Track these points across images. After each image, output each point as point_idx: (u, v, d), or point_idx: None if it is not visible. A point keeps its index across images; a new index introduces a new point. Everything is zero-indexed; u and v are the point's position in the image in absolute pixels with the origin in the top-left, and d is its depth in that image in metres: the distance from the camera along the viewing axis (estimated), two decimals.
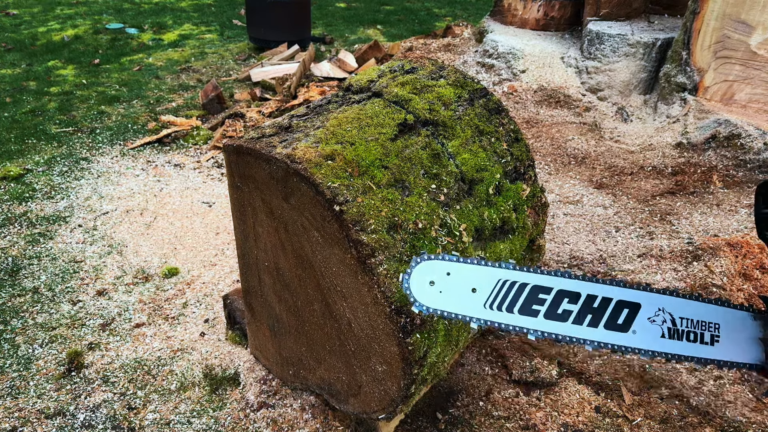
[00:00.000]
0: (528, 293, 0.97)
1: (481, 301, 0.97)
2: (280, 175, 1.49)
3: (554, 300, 0.97)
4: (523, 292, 0.97)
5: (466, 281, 0.98)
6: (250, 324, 2.04)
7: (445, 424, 1.91)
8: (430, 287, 0.98)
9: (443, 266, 0.98)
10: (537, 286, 0.98)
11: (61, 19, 6.94)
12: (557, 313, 0.97)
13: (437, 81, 1.89)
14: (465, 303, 0.98)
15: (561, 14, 5.07)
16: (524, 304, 0.98)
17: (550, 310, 0.97)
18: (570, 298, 0.96)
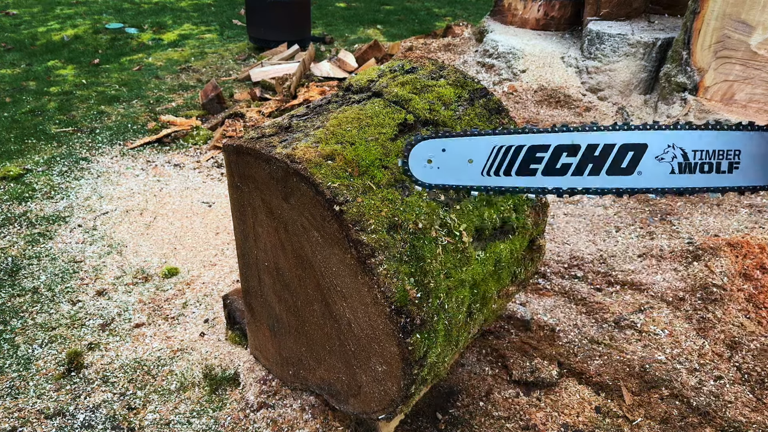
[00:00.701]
0: (524, 154, 0.95)
1: (478, 170, 0.98)
2: (280, 175, 1.49)
3: (552, 156, 0.94)
4: (520, 153, 0.95)
5: (462, 153, 0.98)
6: (250, 324, 2.04)
7: (445, 424, 1.91)
8: (428, 165, 0.99)
9: (438, 144, 0.98)
10: (533, 146, 0.96)
11: (60, 19, 6.94)
12: (556, 168, 0.95)
13: (437, 81, 1.89)
14: (462, 174, 0.99)
15: (561, 14, 5.07)
16: (521, 165, 0.96)
17: (548, 166, 0.95)
18: (569, 152, 0.94)
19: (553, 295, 2.52)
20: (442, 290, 1.51)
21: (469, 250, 1.60)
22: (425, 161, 0.99)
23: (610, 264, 2.71)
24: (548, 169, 0.95)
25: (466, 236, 1.60)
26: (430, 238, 1.50)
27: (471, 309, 1.66)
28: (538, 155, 0.94)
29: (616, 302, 2.48)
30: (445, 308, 1.52)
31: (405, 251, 1.43)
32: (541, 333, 2.30)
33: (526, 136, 0.95)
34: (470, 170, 0.99)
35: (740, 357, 2.19)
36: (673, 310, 2.43)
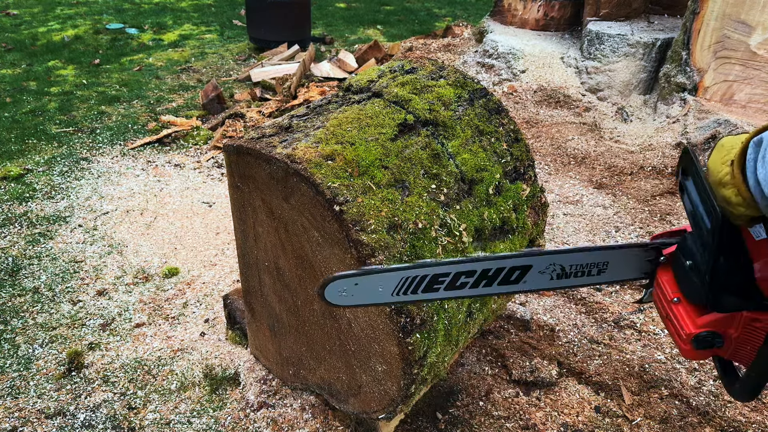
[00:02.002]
0: (428, 280, 1.12)
1: (388, 293, 1.14)
2: (280, 175, 1.49)
3: (452, 279, 1.12)
4: (424, 281, 1.12)
5: (373, 284, 1.12)
6: (250, 324, 2.05)
7: (445, 424, 1.91)
8: (343, 295, 1.13)
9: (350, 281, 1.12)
10: (436, 274, 1.12)
11: (61, 19, 6.94)
12: (456, 285, 1.13)
13: (437, 81, 1.89)
14: (375, 297, 1.15)
15: (561, 14, 5.08)
16: (425, 287, 1.13)
17: (449, 285, 1.12)
18: (466, 275, 1.11)
19: (553, 295, 2.52)
20: None
21: (469, 250, 1.60)
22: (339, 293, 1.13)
23: None
24: (449, 287, 1.13)
25: (465, 236, 1.60)
26: (430, 238, 1.50)
27: (471, 309, 1.66)
28: (440, 279, 1.11)
29: (616, 302, 2.48)
30: (445, 308, 1.53)
31: (405, 251, 1.44)
32: (541, 333, 2.30)
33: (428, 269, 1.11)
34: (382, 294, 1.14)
35: None
36: None
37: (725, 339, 1.00)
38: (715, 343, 0.99)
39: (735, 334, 0.99)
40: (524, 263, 1.14)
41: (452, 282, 1.14)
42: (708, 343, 1.01)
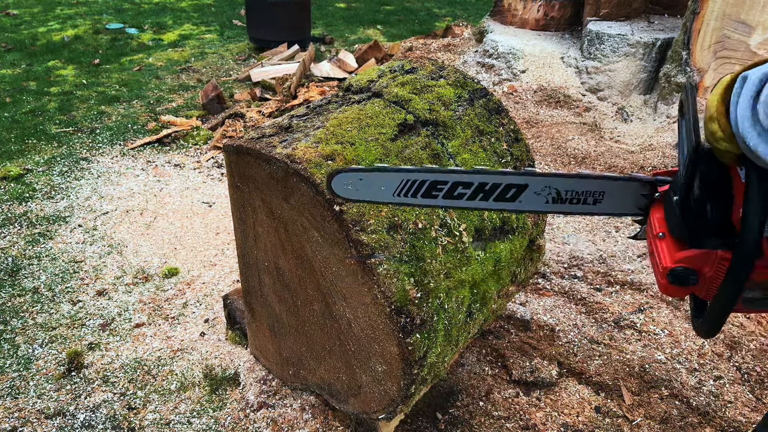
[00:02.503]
0: (427, 185, 1.17)
1: (390, 193, 1.20)
2: (280, 175, 1.49)
3: (450, 187, 1.16)
4: (423, 185, 1.17)
5: (376, 182, 1.20)
6: (250, 324, 2.04)
7: (445, 424, 1.91)
8: (348, 187, 1.21)
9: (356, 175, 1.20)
10: (435, 181, 1.17)
11: (61, 19, 6.94)
12: (454, 195, 1.17)
13: (437, 81, 1.89)
14: (377, 195, 1.21)
15: (561, 14, 5.08)
16: (425, 192, 1.18)
17: (447, 193, 1.17)
18: (464, 185, 1.16)
19: (553, 295, 2.52)
20: (441, 290, 1.51)
21: (468, 250, 1.60)
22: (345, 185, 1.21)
23: (610, 264, 2.71)
24: (447, 195, 1.18)
25: (465, 236, 1.60)
26: (430, 238, 1.50)
27: (471, 309, 1.66)
28: (438, 186, 1.17)
29: (616, 302, 2.48)
30: (445, 308, 1.52)
31: (405, 251, 1.44)
32: (541, 333, 2.30)
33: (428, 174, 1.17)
34: (384, 192, 1.21)
35: (740, 357, 2.19)
36: (673, 310, 2.43)
37: (700, 277, 1.00)
38: (689, 279, 0.98)
39: (709, 273, 0.99)
40: (521, 182, 1.17)
41: (450, 191, 1.18)
42: (682, 279, 1.01)
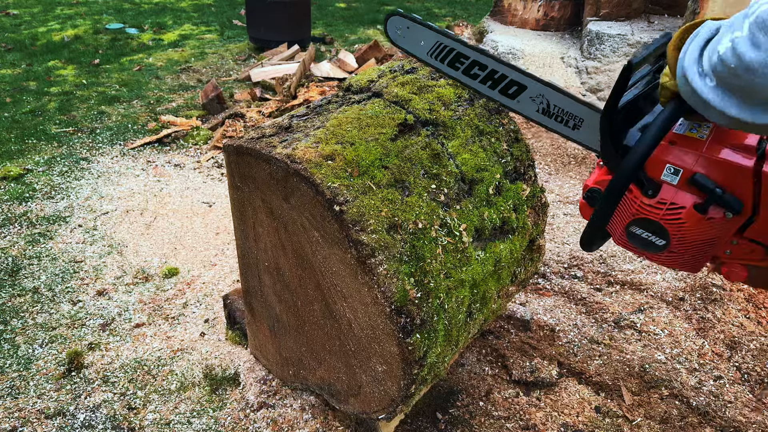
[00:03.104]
0: (453, 55, 1.43)
1: (425, 51, 1.50)
2: (280, 175, 1.49)
3: (469, 64, 1.41)
4: (451, 53, 1.43)
5: (418, 36, 1.51)
6: (250, 324, 2.04)
7: (445, 424, 1.91)
8: (398, 33, 1.56)
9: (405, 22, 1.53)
10: (459, 53, 1.42)
11: (61, 19, 6.94)
12: (470, 73, 1.42)
13: (437, 81, 1.89)
14: (417, 48, 1.53)
15: (561, 14, 5.08)
16: (451, 60, 1.44)
17: (466, 69, 1.42)
18: (479, 67, 1.39)
19: (553, 295, 2.52)
20: (442, 290, 1.51)
21: (469, 250, 1.60)
22: (397, 29, 1.56)
23: (610, 264, 2.71)
24: (466, 71, 1.43)
25: (466, 236, 1.60)
26: (430, 238, 1.50)
27: (471, 309, 1.66)
28: (461, 60, 1.42)
29: (616, 302, 2.48)
30: (445, 308, 1.52)
31: (405, 251, 1.44)
32: (541, 333, 2.30)
33: (458, 44, 1.42)
34: (421, 49, 1.51)
35: (740, 357, 2.19)
36: (673, 310, 2.43)
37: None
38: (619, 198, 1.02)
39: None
40: (523, 81, 1.34)
41: (468, 68, 1.41)
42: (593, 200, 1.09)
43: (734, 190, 0.90)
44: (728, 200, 0.89)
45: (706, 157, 0.91)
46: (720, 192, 0.89)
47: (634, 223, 1.00)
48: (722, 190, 0.90)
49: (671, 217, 0.95)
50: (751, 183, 0.89)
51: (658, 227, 0.97)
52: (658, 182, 0.96)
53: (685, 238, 0.96)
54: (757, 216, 0.91)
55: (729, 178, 0.90)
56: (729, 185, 0.90)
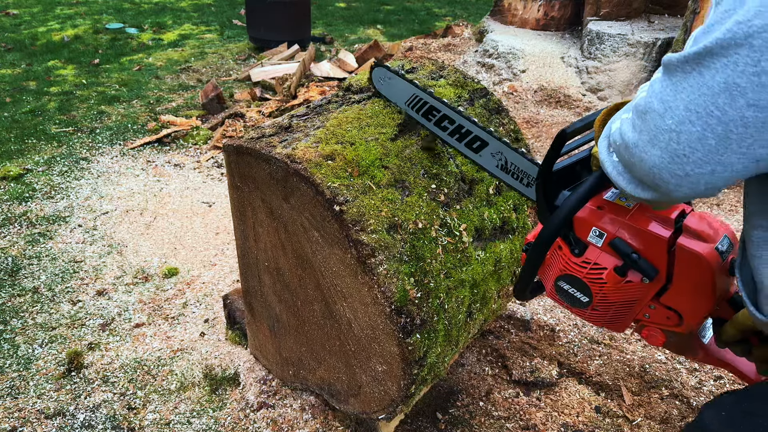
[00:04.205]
0: (427, 107, 1.54)
1: (403, 100, 1.63)
2: (280, 175, 1.49)
3: (440, 117, 1.51)
4: (425, 106, 1.54)
5: (396, 87, 1.63)
6: (249, 324, 2.04)
7: (445, 424, 1.91)
8: (381, 82, 1.69)
9: (386, 73, 1.65)
10: (432, 106, 1.52)
11: (61, 19, 6.94)
12: (441, 125, 1.52)
13: (437, 81, 1.89)
14: (396, 97, 1.65)
15: (561, 14, 5.07)
16: (425, 112, 1.55)
17: (438, 121, 1.52)
18: (449, 121, 1.49)
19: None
20: (442, 290, 1.51)
21: (469, 250, 1.60)
22: (380, 79, 1.69)
23: None
24: (437, 123, 1.53)
25: (466, 236, 1.60)
26: (430, 238, 1.50)
27: (471, 309, 1.66)
28: (433, 112, 1.53)
29: None
30: (445, 308, 1.52)
31: (405, 251, 1.43)
32: (541, 333, 2.30)
33: (430, 98, 1.52)
34: (400, 98, 1.63)
35: None
36: None
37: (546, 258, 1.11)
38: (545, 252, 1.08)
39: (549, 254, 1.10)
40: (485, 138, 1.43)
41: (439, 120, 1.51)
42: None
43: (650, 257, 0.96)
44: (643, 266, 0.95)
45: (628, 225, 0.98)
46: (636, 257, 0.96)
47: (562, 278, 1.06)
48: (638, 256, 0.96)
49: (594, 276, 1.01)
50: (666, 253, 0.95)
51: (582, 285, 1.03)
52: (585, 243, 1.02)
53: (607, 297, 1.01)
54: (671, 284, 0.96)
55: (646, 246, 0.96)
56: (645, 252, 0.96)
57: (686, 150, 0.66)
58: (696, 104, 0.64)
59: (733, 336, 0.96)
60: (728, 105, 0.61)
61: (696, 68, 0.63)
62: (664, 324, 1.01)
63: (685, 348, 1.07)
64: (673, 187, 0.70)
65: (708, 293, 0.95)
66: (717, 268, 0.93)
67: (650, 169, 0.71)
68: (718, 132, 0.63)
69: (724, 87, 0.61)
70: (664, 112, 0.67)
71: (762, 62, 0.57)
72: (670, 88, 0.67)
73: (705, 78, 0.62)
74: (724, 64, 0.60)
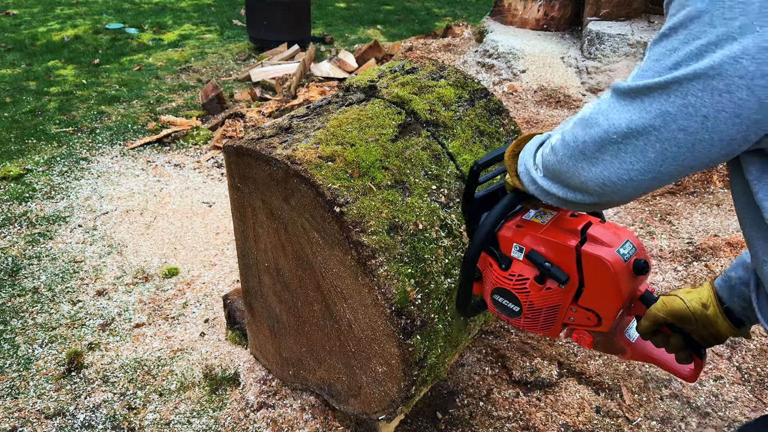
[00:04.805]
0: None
1: None
2: (280, 176, 1.49)
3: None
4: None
5: None
6: (249, 324, 2.04)
7: (445, 424, 1.91)
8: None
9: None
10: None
11: (61, 19, 6.94)
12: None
13: (438, 81, 1.89)
14: None
15: (561, 14, 5.07)
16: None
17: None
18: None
19: None
20: (442, 291, 1.51)
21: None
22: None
23: None
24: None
25: (466, 237, 1.60)
26: (430, 239, 1.50)
27: None
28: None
29: None
30: (446, 309, 1.52)
31: (405, 252, 1.43)
32: None
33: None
34: None
35: (740, 357, 2.19)
36: None
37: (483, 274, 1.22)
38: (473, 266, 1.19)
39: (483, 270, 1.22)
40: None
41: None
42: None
43: (561, 264, 1.08)
44: (555, 273, 1.07)
45: (541, 238, 1.10)
46: (549, 266, 1.08)
47: (495, 291, 1.18)
48: (551, 264, 1.08)
49: (519, 286, 1.13)
50: (574, 258, 1.07)
51: (511, 296, 1.15)
52: (509, 258, 1.14)
53: (533, 304, 1.13)
54: (584, 287, 1.08)
55: (557, 255, 1.08)
56: (557, 261, 1.08)
57: (631, 159, 0.78)
58: (636, 124, 0.76)
59: (647, 328, 1.08)
60: (663, 128, 0.74)
61: (638, 97, 0.76)
62: (587, 324, 1.12)
63: (612, 347, 1.17)
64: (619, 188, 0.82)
65: (616, 292, 1.05)
66: (620, 270, 1.04)
67: (598, 174, 0.82)
68: (657, 148, 0.76)
69: (659, 113, 0.74)
70: (608, 128, 0.79)
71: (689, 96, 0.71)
72: (617, 109, 0.78)
73: (645, 104, 0.75)
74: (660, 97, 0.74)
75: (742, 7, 0.67)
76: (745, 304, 1.00)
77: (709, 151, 0.73)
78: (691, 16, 0.71)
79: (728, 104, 0.68)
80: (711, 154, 0.73)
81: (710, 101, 0.69)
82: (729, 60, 0.67)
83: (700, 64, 0.69)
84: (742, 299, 1.00)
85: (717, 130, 0.70)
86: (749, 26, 0.66)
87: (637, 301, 1.10)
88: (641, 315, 1.10)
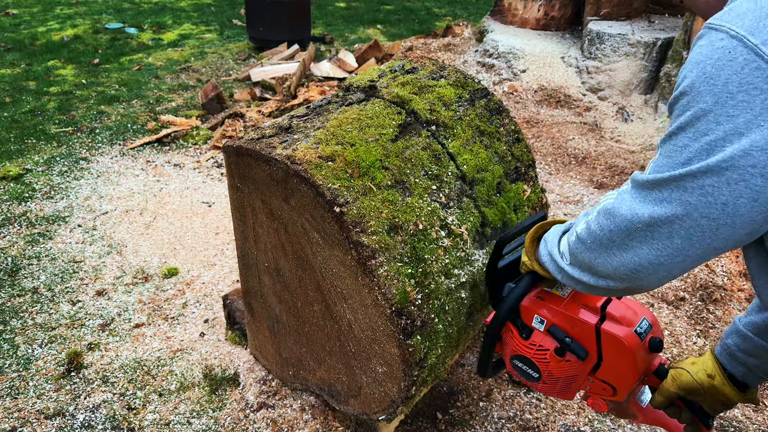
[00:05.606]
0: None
1: None
2: (280, 176, 1.48)
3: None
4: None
5: None
6: (249, 324, 2.04)
7: (445, 424, 1.91)
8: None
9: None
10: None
11: (60, 18, 6.93)
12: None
13: (438, 81, 1.89)
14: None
15: (561, 14, 5.07)
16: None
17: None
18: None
19: None
20: (442, 292, 1.50)
21: (470, 251, 1.60)
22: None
23: None
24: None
25: (467, 237, 1.59)
26: (430, 240, 1.50)
27: (471, 310, 1.66)
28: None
29: None
30: (446, 309, 1.52)
31: (406, 253, 1.43)
32: None
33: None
34: None
35: None
36: (673, 310, 2.43)
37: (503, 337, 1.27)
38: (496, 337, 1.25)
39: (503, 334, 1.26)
40: None
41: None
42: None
43: (581, 340, 1.12)
44: (575, 348, 1.12)
45: (562, 313, 1.14)
46: (569, 341, 1.12)
47: (515, 357, 1.23)
48: (571, 340, 1.12)
49: (539, 356, 1.18)
50: (594, 336, 1.11)
51: (531, 363, 1.20)
52: (530, 327, 1.19)
53: (552, 373, 1.18)
54: (602, 362, 1.12)
55: (577, 331, 1.13)
56: (577, 336, 1.13)
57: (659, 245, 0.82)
58: (658, 214, 0.80)
59: (662, 403, 1.13)
60: (686, 216, 0.78)
61: (656, 188, 0.80)
62: (602, 394, 1.17)
63: (625, 413, 1.22)
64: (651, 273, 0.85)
65: (631, 369, 1.11)
66: (636, 348, 1.09)
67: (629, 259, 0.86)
68: (682, 234, 0.79)
69: (680, 203, 0.78)
70: (632, 218, 0.83)
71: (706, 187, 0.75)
72: (638, 200, 0.83)
73: (663, 195, 0.79)
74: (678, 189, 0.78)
75: (745, 105, 0.71)
76: (745, 369, 1.05)
77: (733, 234, 0.77)
78: (697, 116, 0.75)
79: (745, 191, 0.73)
80: (735, 235, 0.78)
81: (727, 190, 0.74)
82: (740, 153, 0.71)
83: (711, 158, 0.73)
84: (742, 365, 1.05)
85: (737, 214, 0.75)
86: (753, 122, 0.71)
87: (652, 375, 1.16)
88: (654, 386, 1.15)
